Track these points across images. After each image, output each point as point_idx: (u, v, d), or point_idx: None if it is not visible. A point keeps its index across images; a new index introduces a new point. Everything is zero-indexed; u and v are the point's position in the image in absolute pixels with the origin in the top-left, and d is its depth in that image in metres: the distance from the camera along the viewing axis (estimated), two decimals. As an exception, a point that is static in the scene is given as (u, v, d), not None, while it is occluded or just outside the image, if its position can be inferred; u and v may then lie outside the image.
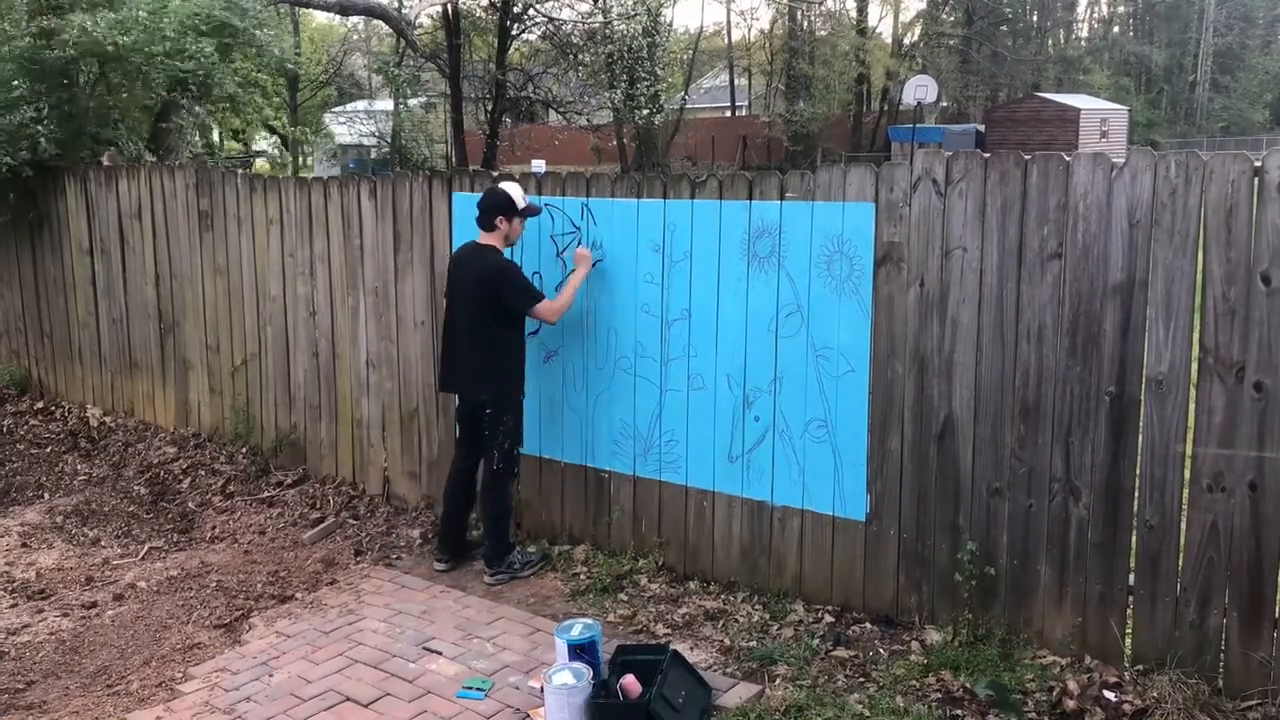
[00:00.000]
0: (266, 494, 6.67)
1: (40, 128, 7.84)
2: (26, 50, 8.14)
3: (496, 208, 5.20)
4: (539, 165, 21.06)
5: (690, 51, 44.41)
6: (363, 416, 6.45)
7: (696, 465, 5.13)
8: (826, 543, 4.78)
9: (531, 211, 5.31)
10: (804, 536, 4.84)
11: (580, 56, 25.00)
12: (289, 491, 6.65)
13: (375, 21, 28.02)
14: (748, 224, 4.82)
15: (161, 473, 7.15)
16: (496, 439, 5.25)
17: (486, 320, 5.16)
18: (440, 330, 5.57)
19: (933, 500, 4.47)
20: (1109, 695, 3.87)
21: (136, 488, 7.01)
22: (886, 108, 43.95)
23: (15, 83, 8.01)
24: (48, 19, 8.23)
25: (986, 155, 4.25)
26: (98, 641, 4.86)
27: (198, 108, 9.91)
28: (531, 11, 26.67)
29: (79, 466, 7.52)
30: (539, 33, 27.70)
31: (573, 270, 5.27)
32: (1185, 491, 3.94)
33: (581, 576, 5.27)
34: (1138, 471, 4.00)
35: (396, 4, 22.77)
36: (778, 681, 4.19)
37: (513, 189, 5.28)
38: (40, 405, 8.68)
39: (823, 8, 42.00)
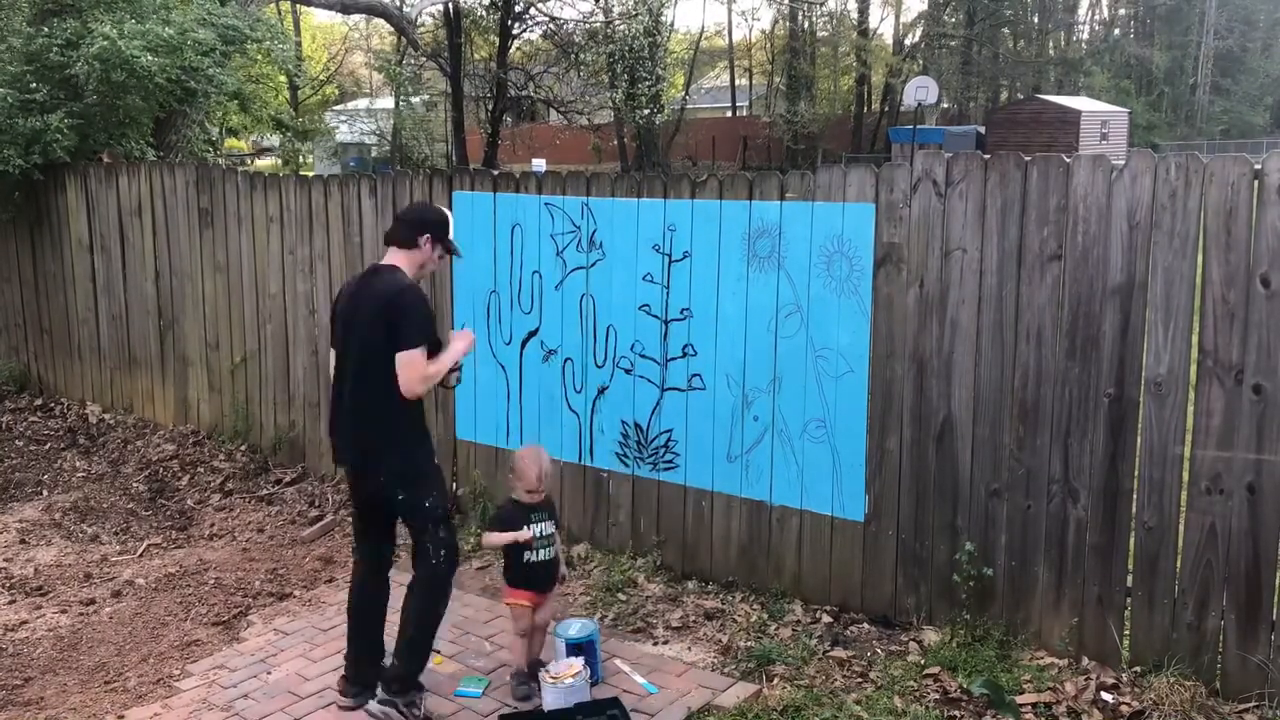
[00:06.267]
0: (265, 492, 6.67)
1: (59, 135, 7.86)
2: (38, 53, 8.12)
3: (427, 223, 4.11)
4: (539, 164, 21.06)
5: (691, 52, 44.46)
6: (362, 414, 6.44)
7: (695, 465, 5.13)
8: (825, 543, 4.78)
9: (454, 250, 4.24)
10: (802, 536, 4.84)
11: (581, 56, 25.03)
12: (287, 489, 6.65)
13: (377, 20, 28.03)
14: (748, 224, 4.82)
15: (160, 470, 7.15)
16: (425, 530, 3.99)
17: (385, 362, 3.85)
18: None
19: (931, 501, 4.48)
20: (1106, 697, 3.88)
21: (135, 485, 7.01)
22: (887, 109, 43.95)
23: (34, 85, 8.00)
24: (62, 20, 8.20)
25: (986, 157, 4.25)
26: (96, 638, 4.86)
27: (202, 114, 9.92)
28: (533, 10, 26.72)
29: (78, 463, 7.52)
30: (540, 32, 27.77)
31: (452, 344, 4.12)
32: (1184, 493, 3.94)
33: (580, 575, 5.27)
34: (1136, 473, 4.00)
35: (398, 2, 22.74)
36: (775, 681, 4.19)
37: (450, 213, 4.36)
38: (39, 402, 8.68)
39: (824, 8, 42.04)
